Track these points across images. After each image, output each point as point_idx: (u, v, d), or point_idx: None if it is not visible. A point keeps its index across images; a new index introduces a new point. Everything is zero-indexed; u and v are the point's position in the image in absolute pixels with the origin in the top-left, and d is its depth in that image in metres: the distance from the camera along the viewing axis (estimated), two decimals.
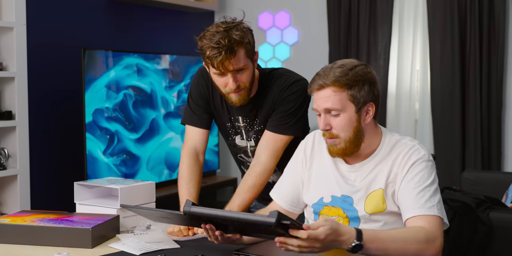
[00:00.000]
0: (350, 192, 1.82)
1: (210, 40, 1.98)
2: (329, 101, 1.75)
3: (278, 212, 1.41)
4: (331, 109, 1.75)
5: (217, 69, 2.01)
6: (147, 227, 2.02)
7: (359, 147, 1.79)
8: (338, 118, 1.76)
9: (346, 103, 1.75)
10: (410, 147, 1.80)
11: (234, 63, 2.00)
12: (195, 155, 2.26)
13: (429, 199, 1.72)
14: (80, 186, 2.13)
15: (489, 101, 4.03)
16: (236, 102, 2.10)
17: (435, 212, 1.70)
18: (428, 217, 1.70)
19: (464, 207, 3.05)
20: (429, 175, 1.76)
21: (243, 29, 2.03)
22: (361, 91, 1.75)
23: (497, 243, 2.98)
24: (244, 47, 2.01)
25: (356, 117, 1.77)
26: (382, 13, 4.30)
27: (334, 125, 1.77)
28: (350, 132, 1.77)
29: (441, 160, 4.10)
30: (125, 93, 3.79)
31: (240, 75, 2.05)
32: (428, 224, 1.69)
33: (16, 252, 1.79)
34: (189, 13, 4.74)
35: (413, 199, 1.72)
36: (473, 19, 4.01)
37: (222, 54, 1.96)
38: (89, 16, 3.94)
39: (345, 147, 1.78)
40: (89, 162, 3.55)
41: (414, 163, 1.76)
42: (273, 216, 1.41)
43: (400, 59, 4.33)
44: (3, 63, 3.23)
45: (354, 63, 1.78)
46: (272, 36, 4.84)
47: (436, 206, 1.72)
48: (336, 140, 1.78)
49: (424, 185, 1.74)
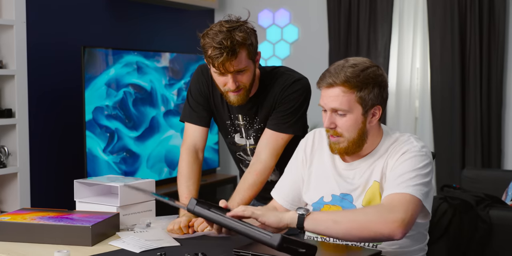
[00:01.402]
0: (349, 190, 1.82)
1: (213, 40, 1.97)
2: (337, 101, 1.73)
3: (281, 236, 1.41)
4: (338, 109, 1.74)
5: (218, 69, 2.01)
6: (147, 224, 2.02)
7: (361, 147, 1.79)
8: (344, 118, 1.75)
9: (354, 105, 1.73)
10: (405, 140, 1.79)
11: (235, 64, 1.99)
12: (195, 152, 2.25)
13: (408, 180, 1.67)
14: (80, 184, 2.13)
15: (489, 99, 4.03)
16: (234, 101, 2.09)
17: (409, 191, 1.64)
18: (401, 195, 1.64)
19: (464, 205, 3.05)
20: (417, 163, 1.71)
21: (247, 30, 2.01)
22: (370, 94, 1.73)
23: (497, 241, 2.98)
24: (246, 49, 2.00)
25: (362, 119, 1.75)
26: (382, 10, 4.30)
27: (339, 124, 1.76)
28: (354, 133, 1.76)
29: (441, 158, 4.10)
30: (125, 91, 3.79)
31: (241, 76, 2.04)
32: (393, 200, 1.63)
33: (16, 250, 1.79)
34: (189, 11, 4.74)
35: (393, 180, 1.69)
36: (473, 17, 4.01)
37: (223, 55, 1.95)
38: (89, 14, 3.93)
39: (347, 147, 1.77)
40: (89, 160, 3.55)
41: (405, 153, 1.74)
42: (275, 239, 1.41)
43: (400, 57, 4.33)
44: (3, 61, 3.23)
45: (366, 64, 1.75)
46: (272, 34, 4.84)
47: (414, 187, 1.65)
48: (339, 139, 1.77)
49: (409, 170, 1.69)
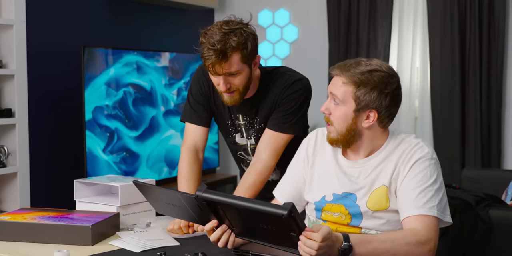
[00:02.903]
0: (353, 189, 1.81)
1: (208, 40, 1.98)
2: (337, 89, 1.77)
3: (293, 204, 1.41)
4: (335, 97, 1.78)
5: (208, 70, 2.02)
6: (147, 224, 2.02)
7: (352, 144, 1.81)
8: (338, 107, 1.78)
9: (348, 99, 1.75)
10: (415, 144, 1.79)
11: (226, 67, 1.99)
12: (195, 152, 2.26)
13: (430, 199, 1.71)
14: (80, 183, 2.13)
15: (489, 99, 4.03)
16: (227, 102, 2.11)
17: (434, 213, 1.69)
18: (425, 217, 1.68)
19: (463, 204, 3.05)
20: (432, 174, 1.75)
21: (244, 34, 2.00)
22: (366, 95, 1.74)
23: (496, 241, 2.98)
24: (240, 53, 1.99)
25: (353, 116, 1.76)
26: (382, 10, 4.30)
27: (332, 112, 1.79)
28: (342, 127, 1.78)
29: (441, 158, 4.09)
30: (125, 91, 3.79)
31: (233, 78, 2.04)
32: (423, 225, 1.67)
33: (16, 249, 1.79)
34: (189, 10, 4.74)
35: (413, 198, 1.71)
36: (473, 17, 4.01)
37: (212, 57, 1.96)
38: (89, 13, 3.93)
39: (337, 139, 1.80)
40: (89, 160, 3.55)
41: (417, 161, 1.75)
42: (287, 206, 1.40)
43: (400, 56, 4.33)
44: (2, 60, 3.23)
45: (378, 68, 1.75)
46: (272, 34, 4.84)
47: (437, 207, 1.70)
48: (330, 128, 1.81)
49: (426, 185, 1.72)
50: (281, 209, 1.42)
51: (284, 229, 1.49)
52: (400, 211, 1.74)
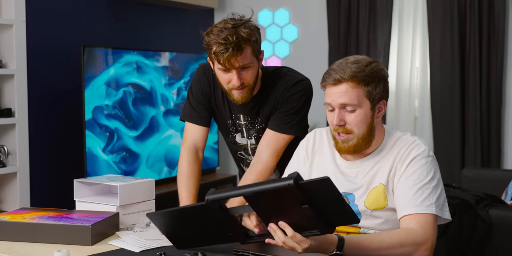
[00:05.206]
0: (351, 189, 1.81)
1: (218, 36, 1.98)
2: (345, 96, 1.73)
3: (298, 173, 1.40)
4: (348, 104, 1.74)
5: (223, 65, 2.01)
6: (147, 224, 2.02)
7: (370, 144, 1.79)
8: (354, 114, 1.75)
9: (363, 99, 1.74)
10: (411, 142, 1.79)
11: (240, 60, 2.00)
12: (195, 152, 2.26)
13: (428, 197, 1.70)
14: (79, 183, 2.13)
15: (488, 98, 4.03)
16: (238, 99, 2.09)
17: (433, 211, 1.69)
18: (423, 216, 1.68)
19: (463, 204, 3.05)
20: (429, 172, 1.74)
21: (251, 27, 2.03)
22: (376, 88, 1.75)
23: (496, 240, 2.98)
24: (251, 45, 2.01)
25: (371, 113, 1.76)
26: (382, 10, 4.30)
27: (348, 121, 1.75)
28: (364, 129, 1.76)
29: (441, 158, 4.10)
30: (125, 91, 3.79)
31: (245, 73, 2.04)
32: (420, 225, 1.67)
33: (16, 249, 1.79)
34: (189, 10, 4.74)
35: (411, 196, 1.71)
36: (473, 16, 4.01)
37: (229, 50, 1.96)
38: (88, 13, 3.93)
39: (357, 144, 1.77)
40: (89, 160, 3.55)
41: (414, 159, 1.75)
42: (293, 175, 1.39)
43: (400, 56, 4.33)
44: (2, 60, 3.23)
45: (368, 60, 1.77)
46: (272, 34, 4.84)
47: (435, 204, 1.70)
48: (349, 136, 1.76)
49: (423, 183, 1.72)
50: (286, 180, 1.40)
51: (298, 204, 1.44)
52: (398, 209, 1.74)
